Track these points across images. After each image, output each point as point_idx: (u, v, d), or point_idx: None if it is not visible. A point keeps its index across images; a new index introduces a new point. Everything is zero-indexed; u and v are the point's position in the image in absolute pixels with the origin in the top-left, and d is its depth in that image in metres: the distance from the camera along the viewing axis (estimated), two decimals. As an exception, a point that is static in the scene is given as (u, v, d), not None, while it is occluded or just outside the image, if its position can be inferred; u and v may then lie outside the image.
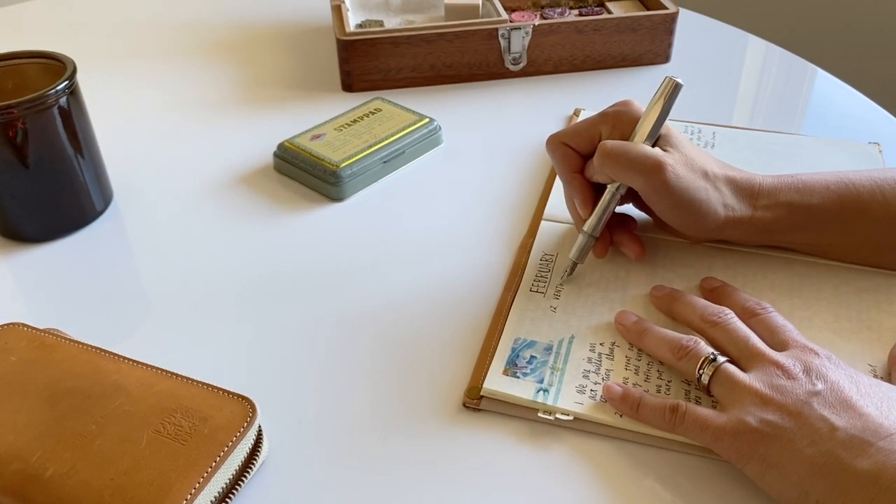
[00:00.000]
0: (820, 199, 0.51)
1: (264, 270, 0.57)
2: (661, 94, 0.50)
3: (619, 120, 0.51)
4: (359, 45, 0.75)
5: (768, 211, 0.51)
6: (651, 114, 0.50)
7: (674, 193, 0.49)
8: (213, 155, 0.69)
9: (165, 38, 0.90)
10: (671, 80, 0.50)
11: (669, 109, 0.50)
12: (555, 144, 0.54)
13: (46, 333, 0.46)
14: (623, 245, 0.54)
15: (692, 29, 0.88)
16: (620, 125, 0.51)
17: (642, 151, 0.49)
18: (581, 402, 0.45)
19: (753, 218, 0.51)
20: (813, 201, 0.51)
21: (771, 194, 0.51)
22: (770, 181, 0.52)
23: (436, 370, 0.48)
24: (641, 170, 0.49)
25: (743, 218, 0.51)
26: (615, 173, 0.50)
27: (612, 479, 0.42)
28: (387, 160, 0.65)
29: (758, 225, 0.51)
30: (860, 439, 0.37)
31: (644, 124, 0.50)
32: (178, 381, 0.43)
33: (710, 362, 0.43)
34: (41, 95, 0.54)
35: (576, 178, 0.53)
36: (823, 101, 0.76)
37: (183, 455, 0.39)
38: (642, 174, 0.49)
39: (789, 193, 0.51)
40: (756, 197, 0.51)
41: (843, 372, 0.41)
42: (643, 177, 0.49)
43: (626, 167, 0.49)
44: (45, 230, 0.59)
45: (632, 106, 0.52)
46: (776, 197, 0.51)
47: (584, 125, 0.53)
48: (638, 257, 0.53)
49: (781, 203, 0.51)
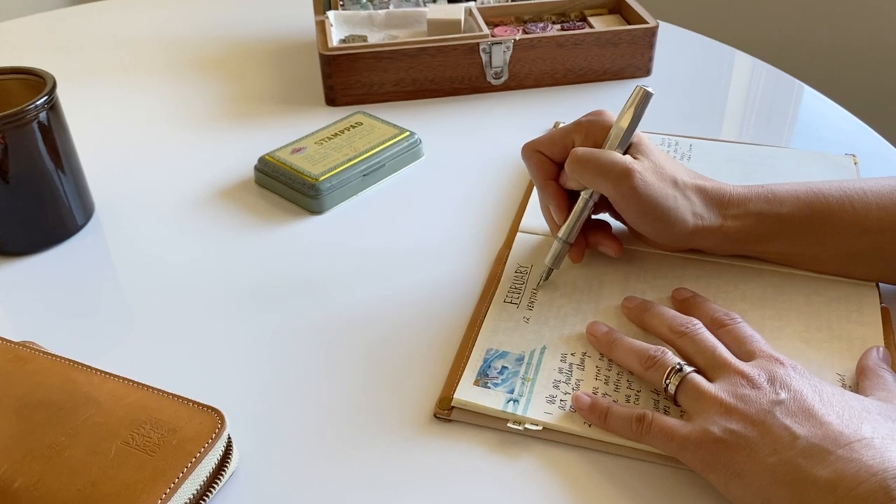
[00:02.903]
0: (789, 209, 0.51)
1: (243, 283, 0.57)
2: (632, 103, 0.51)
3: (592, 128, 0.52)
4: (341, 59, 0.76)
5: (738, 220, 0.52)
6: (622, 122, 0.51)
7: (641, 200, 0.49)
8: (195, 169, 0.70)
9: (150, 54, 0.91)
10: (641, 88, 0.51)
11: (640, 117, 0.51)
12: (529, 152, 0.54)
13: (21, 346, 0.46)
14: (600, 244, 0.55)
15: (674, 43, 0.89)
16: (593, 133, 0.52)
17: (611, 158, 0.50)
18: (551, 412, 0.45)
19: (723, 227, 0.52)
20: (782, 211, 0.51)
21: (740, 204, 0.52)
22: (740, 191, 0.53)
23: (409, 381, 0.48)
24: (610, 176, 0.49)
25: (712, 227, 0.52)
26: (585, 179, 0.51)
27: (580, 488, 0.42)
28: (366, 173, 0.66)
29: (727, 234, 0.52)
30: (820, 447, 0.37)
31: (615, 132, 0.51)
32: (149, 392, 0.43)
33: (676, 372, 0.43)
34: (21, 111, 0.55)
35: (550, 184, 0.54)
36: (806, 116, 0.77)
37: (151, 466, 0.39)
38: (611, 180, 0.49)
39: (759, 203, 0.52)
40: (726, 206, 0.52)
41: (808, 381, 0.41)
42: (611, 183, 0.49)
43: (595, 173, 0.50)
44: (26, 244, 0.60)
45: (605, 115, 0.53)
46: (746, 206, 0.52)
47: (558, 133, 0.54)
48: (617, 253, 0.54)
49: (751, 213, 0.52)
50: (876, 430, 0.38)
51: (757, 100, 0.79)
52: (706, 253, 0.55)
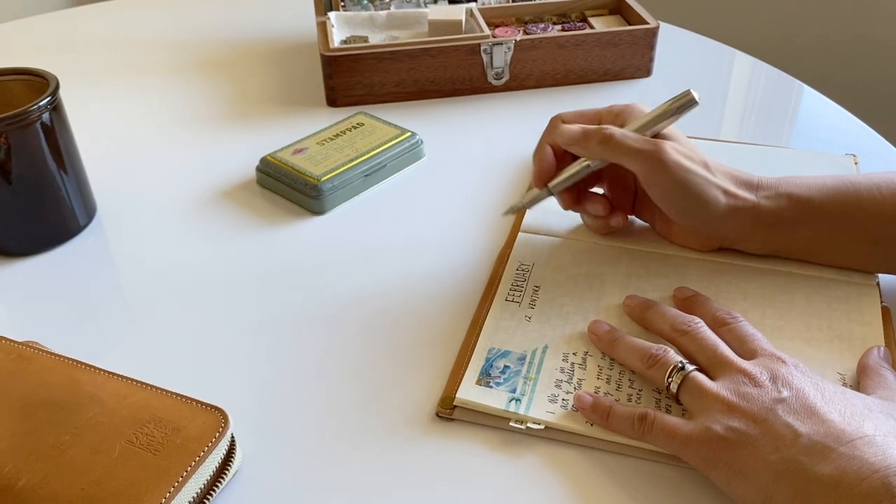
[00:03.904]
0: (819, 194, 0.52)
1: (245, 283, 0.57)
2: (675, 101, 0.51)
3: (623, 114, 0.53)
4: (342, 60, 0.76)
5: (770, 201, 0.52)
6: (658, 112, 0.52)
7: (673, 174, 0.50)
8: (197, 169, 0.70)
9: (152, 55, 0.91)
10: (689, 92, 0.51)
11: (675, 118, 0.52)
12: (554, 119, 0.55)
13: (24, 346, 0.47)
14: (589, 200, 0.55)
15: (675, 43, 0.89)
16: (623, 118, 0.53)
17: (642, 137, 0.51)
18: (553, 411, 0.45)
19: (757, 207, 0.52)
20: (812, 195, 0.52)
21: (771, 187, 0.52)
22: (769, 177, 0.53)
23: (411, 380, 0.49)
24: (641, 152, 0.50)
25: (746, 205, 0.51)
26: (614, 156, 0.51)
27: (583, 487, 0.42)
28: (368, 174, 0.66)
29: (760, 215, 0.52)
30: (822, 445, 0.37)
31: (648, 116, 0.52)
32: (152, 392, 0.43)
33: (678, 371, 0.43)
34: (24, 111, 0.55)
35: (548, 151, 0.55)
36: (806, 116, 0.77)
37: (154, 465, 0.39)
38: (641, 155, 0.50)
39: (789, 187, 0.52)
40: (757, 188, 0.52)
41: (809, 379, 0.41)
42: (642, 157, 0.50)
43: (625, 151, 0.50)
44: (28, 244, 0.60)
45: (637, 107, 0.54)
46: (777, 189, 0.52)
47: (588, 111, 0.55)
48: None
49: (783, 194, 0.52)
50: (878, 427, 0.38)
51: (757, 100, 0.80)
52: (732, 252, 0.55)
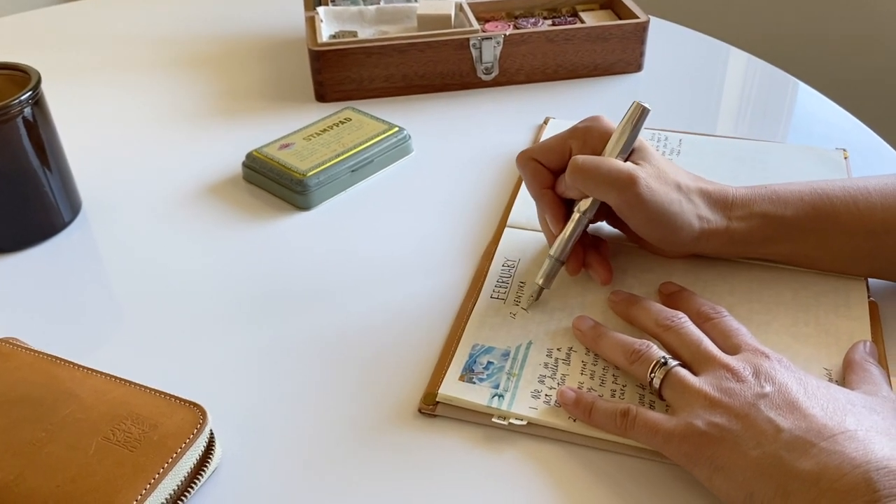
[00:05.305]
0: (794, 212, 0.50)
1: (230, 279, 0.57)
2: (629, 118, 0.49)
3: (590, 135, 0.51)
4: (331, 55, 0.76)
5: (743, 222, 0.51)
6: (621, 135, 0.50)
7: (647, 208, 0.48)
8: (183, 165, 0.70)
9: (138, 51, 0.91)
10: (638, 105, 0.49)
11: (638, 131, 0.50)
12: (525, 160, 0.53)
13: (3, 342, 0.46)
14: (592, 268, 0.53)
15: (667, 39, 0.89)
16: (591, 140, 0.51)
17: (614, 166, 0.48)
18: (536, 406, 0.45)
19: (729, 229, 0.50)
20: (787, 213, 0.50)
21: (745, 205, 0.51)
22: (743, 192, 0.52)
23: (394, 376, 0.48)
24: (614, 184, 0.48)
25: (718, 229, 0.50)
26: (588, 188, 0.49)
27: (565, 483, 0.42)
28: (355, 169, 0.66)
29: (733, 236, 0.51)
30: (803, 440, 0.37)
31: (614, 141, 0.50)
32: (131, 388, 0.43)
33: (661, 366, 0.43)
34: (5, 106, 0.54)
35: (546, 193, 0.52)
36: (799, 112, 0.77)
37: (131, 462, 0.39)
38: (615, 189, 0.48)
39: (763, 205, 0.51)
40: (730, 208, 0.51)
41: (793, 374, 0.41)
42: (616, 191, 0.48)
43: (598, 182, 0.48)
44: (12, 240, 0.60)
45: (602, 121, 0.51)
46: (750, 208, 0.51)
47: (554, 141, 0.52)
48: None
49: (756, 214, 0.51)
50: (860, 422, 0.38)
51: (751, 96, 0.79)
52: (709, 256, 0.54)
